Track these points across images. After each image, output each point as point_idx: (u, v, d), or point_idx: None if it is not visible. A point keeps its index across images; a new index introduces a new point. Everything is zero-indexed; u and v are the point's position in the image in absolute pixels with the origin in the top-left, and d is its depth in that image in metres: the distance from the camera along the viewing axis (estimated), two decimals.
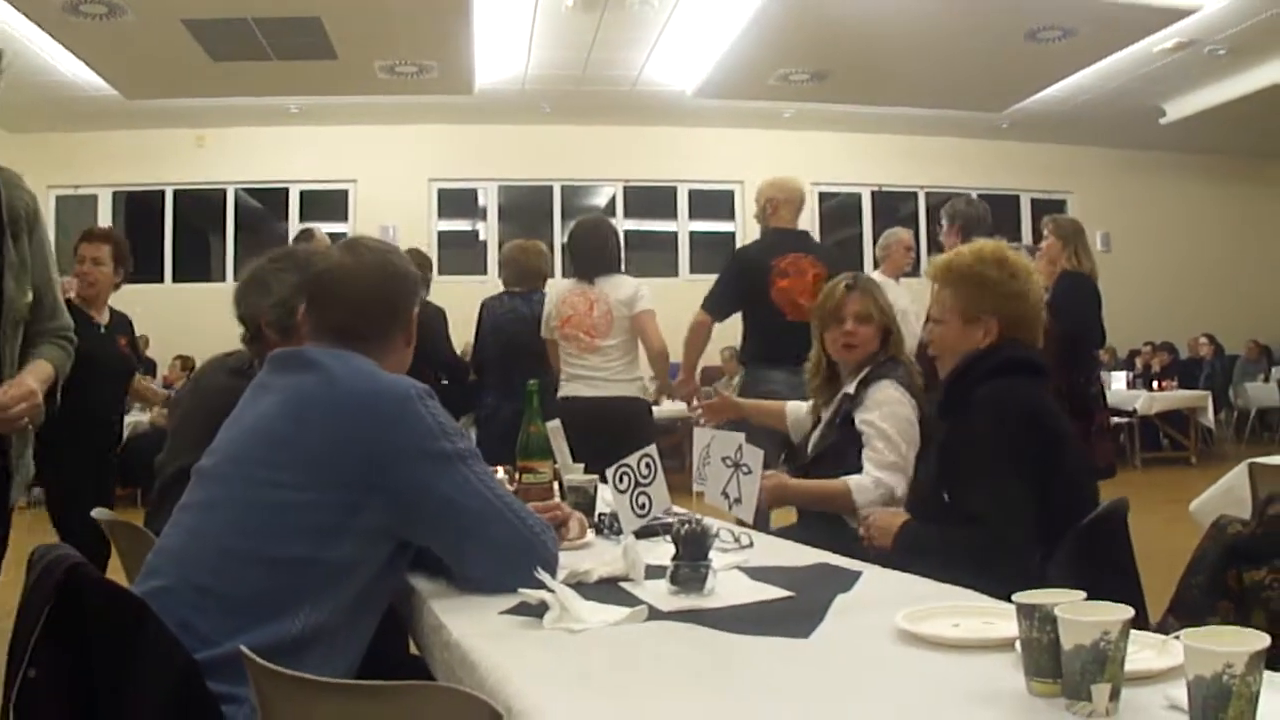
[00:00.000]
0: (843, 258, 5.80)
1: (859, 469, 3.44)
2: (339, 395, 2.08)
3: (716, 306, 5.74)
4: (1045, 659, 1.41)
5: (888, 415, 3.48)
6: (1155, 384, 13.14)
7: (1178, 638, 1.26)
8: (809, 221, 15.21)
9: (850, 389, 3.63)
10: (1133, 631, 1.37)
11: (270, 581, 1.95)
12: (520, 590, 1.98)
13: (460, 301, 9.53)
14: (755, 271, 5.62)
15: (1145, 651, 1.50)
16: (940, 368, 3.00)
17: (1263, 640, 1.20)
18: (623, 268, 5.78)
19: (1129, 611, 1.34)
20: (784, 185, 5.93)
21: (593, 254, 5.71)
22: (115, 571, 2.54)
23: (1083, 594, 1.45)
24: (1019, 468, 2.61)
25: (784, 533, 3.51)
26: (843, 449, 3.54)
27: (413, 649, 2.47)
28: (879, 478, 3.39)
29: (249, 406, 2.20)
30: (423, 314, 2.50)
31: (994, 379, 2.77)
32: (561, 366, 5.68)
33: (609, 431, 4.88)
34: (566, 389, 5.63)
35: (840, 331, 3.67)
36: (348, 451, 2.02)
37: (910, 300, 6.12)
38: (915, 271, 6.32)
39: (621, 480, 2.36)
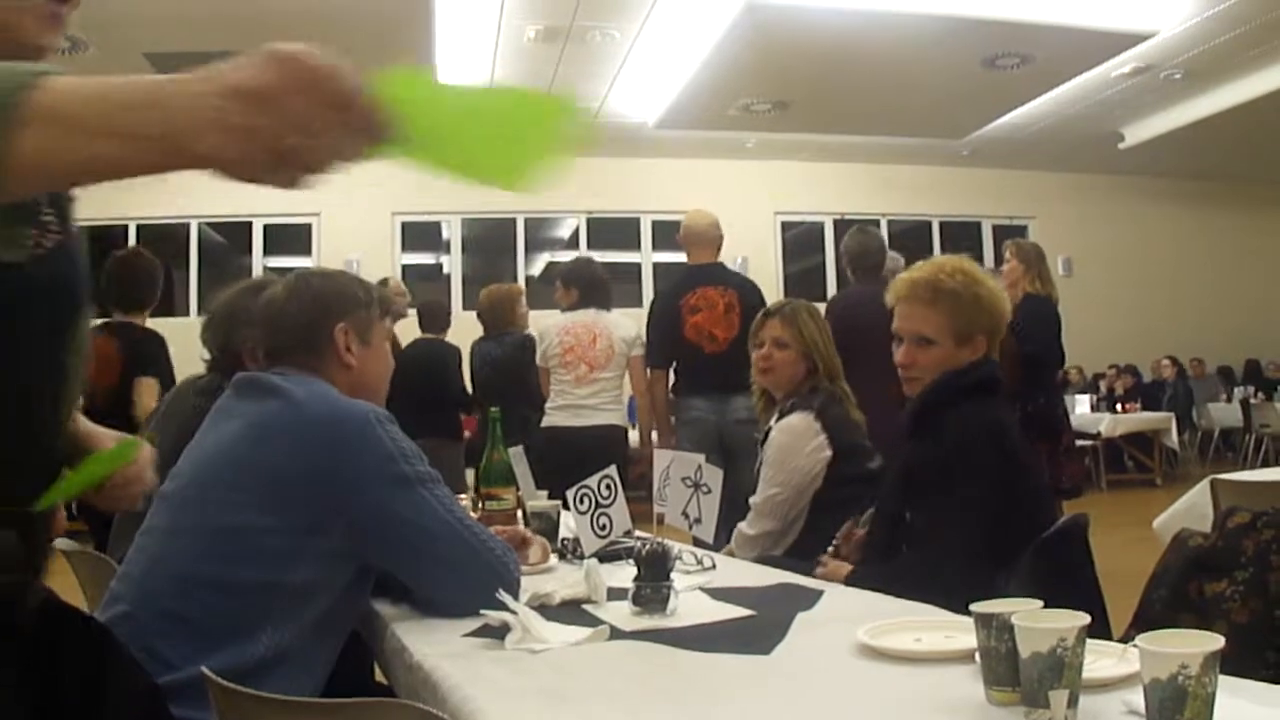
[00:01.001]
0: (754, 285, 5.98)
1: None
2: (300, 419, 2.09)
3: (658, 358, 5.93)
4: (1004, 668, 1.42)
5: (772, 454, 3.55)
6: (1119, 406, 13.21)
7: (1136, 645, 1.27)
8: (772, 248, 15.35)
9: (773, 420, 3.66)
10: (1092, 641, 1.37)
11: (233, 605, 1.95)
12: (482, 612, 1.98)
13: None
14: (668, 313, 5.82)
15: (1104, 660, 1.51)
16: (914, 388, 2.92)
17: (1216, 641, 1.21)
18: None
19: (1085, 618, 1.34)
20: (694, 223, 6.06)
21: (600, 288, 6.06)
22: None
23: (1040, 603, 1.46)
24: (983, 493, 2.60)
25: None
26: None
27: (379, 676, 2.46)
28: (744, 531, 3.53)
29: (211, 431, 2.20)
30: (436, 352, 2.56)
31: (968, 401, 2.75)
32: (551, 395, 5.95)
33: (590, 460, 4.95)
34: (551, 418, 5.91)
35: (758, 355, 3.75)
36: (308, 474, 2.03)
37: None
38: None
39: (582, 501, 2.36)
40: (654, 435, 6.05)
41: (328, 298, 2.36)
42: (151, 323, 5.24)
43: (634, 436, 6.58)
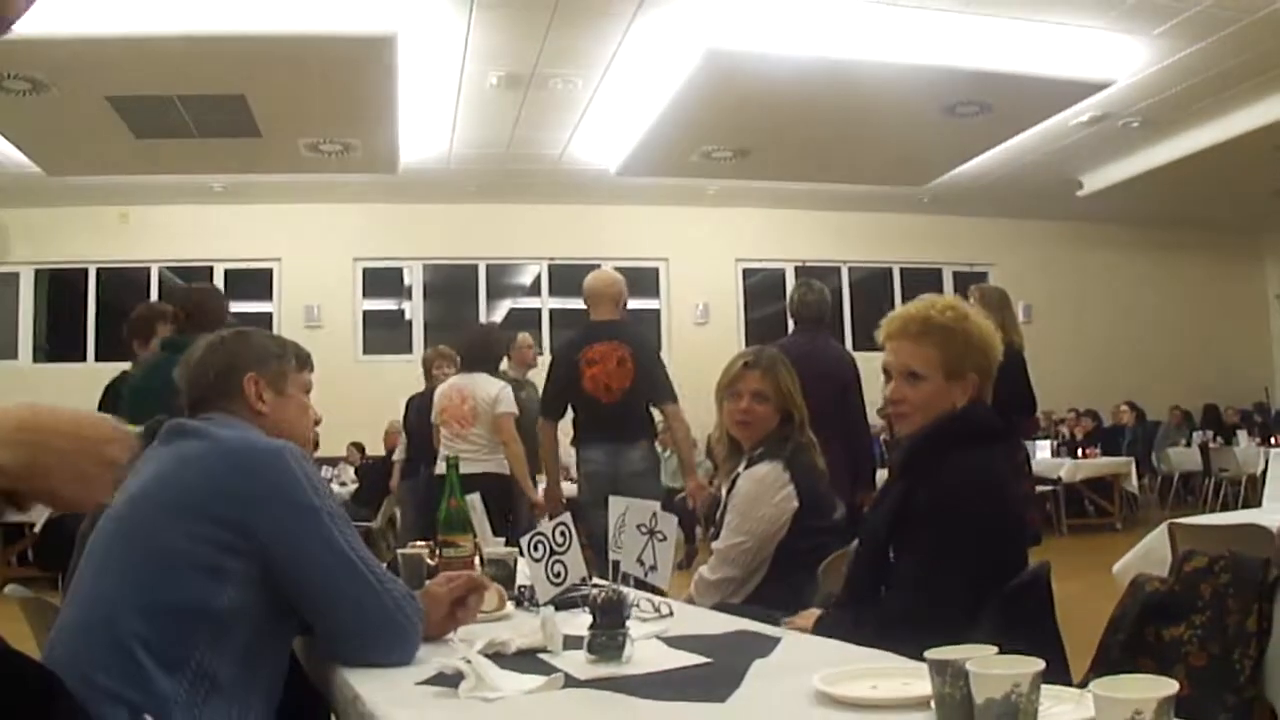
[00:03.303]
0: (645, 339, 6.43)
1: None
2: (218, 449, 2.19)
3: (550, 409, 6.27)
4: (959, 715, 1.41)
5: (739, 502, 3.53)
6: (1079, 452, 13.27)
7: (1091, 691, 1.26)
8: (734, 295, 15.45)
9: (741, 467, 3.64)
10: (1049, 686, 1.36)
11: (163, 630, 2.00)
12: (434, 660, 1.98)
13: (385, 380, 9.47)
14: (567, 366, 6.10)
15: (1061, 705, 1.50)
16: (904, 425, 2.84)
17: (1170, 686, 1.20)
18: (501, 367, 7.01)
19: (1039, 664, 1.34)
20: (591, 285, 6.33)
21: (476, 352, 6.95)
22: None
23: (994, 649, 1.45)
24: (972, 544, 2.54)
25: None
26: None
27: None
28: (705, 576, 3.54)
29: (136, 476, 2.20)
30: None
31: (966, 447, 2.67)
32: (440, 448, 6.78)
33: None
34: (439, 467, 6.65)
35: (735, 407, 3.68)
36: (222, 495, 2.10)
37: None
38: None
39: (536, 549, 2.34)
40: (530, 482, 6.78)
41: (237, 352, 2.49)
42: (110, 367, 5.22)
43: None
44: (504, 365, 7.34)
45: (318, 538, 2.13)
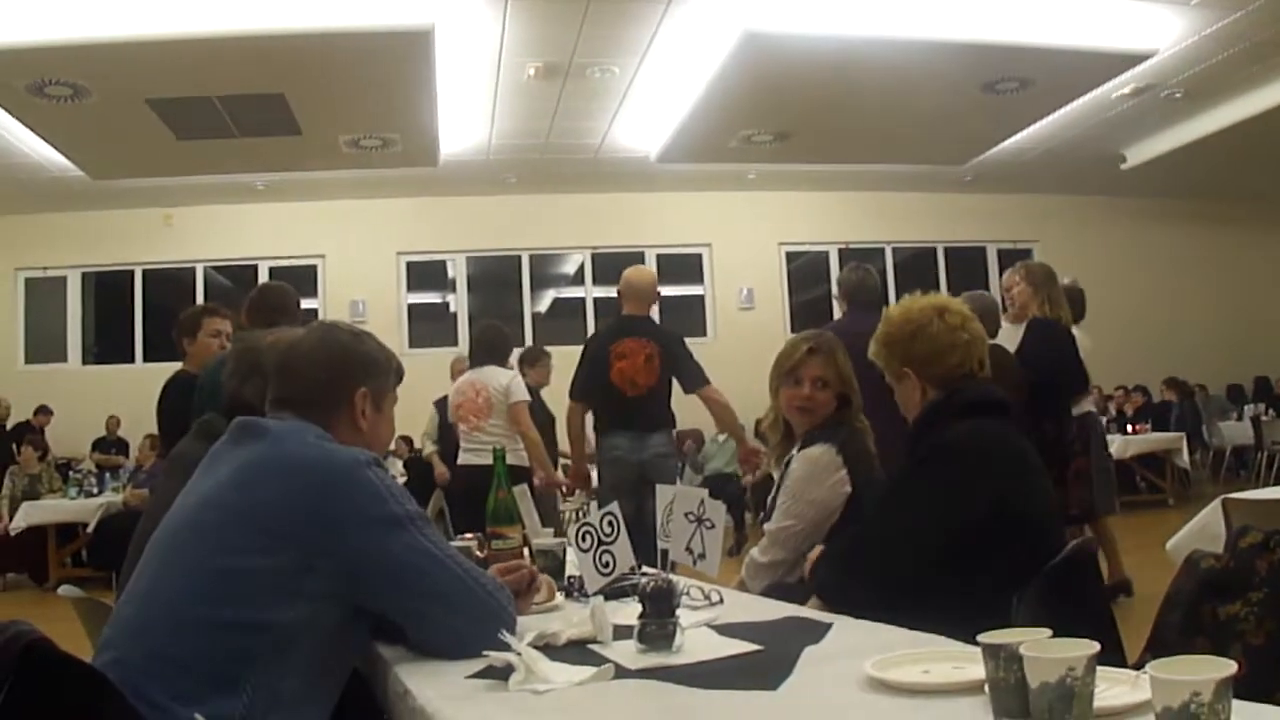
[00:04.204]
0: (675, 336, 6.52)
1: None
2: (287, 460, 2.11)
3: (579, 393, 6.44)
4: (1013, 699, 1.39)
5: (791, 484, 3.49)
6: (1130, 428, 13.14)
7: (1147, 672, 1.24)
8: (778, 279, 15.36)
9: (795, 451, 3.60)
10: (1104, 668, 1.35)
11: (223, 646, 1.94)
12: (485, 653, 1.96)
13: (432, 374, 9.50)
14: (598, 358, 6.33)
15: (1117, 688, 1.48)
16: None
17: (1229, 667, 1.18)
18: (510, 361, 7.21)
19: (1094, 646, 1.32)
20: (629, 280, 6.57)
21: (484, 346, 7.10)
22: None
23: (1049, 632, 1.43)
24: (916, 498, 2.68)
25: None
26: None
27: None
28: (755, 559, 3.50)
29: (203, 476, 2.20)
30: None
31: (962, 420, 2.75)
32: (460, 441, 7.02)
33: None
34: (462, 458, 6.95)
35: (797, 393, 3.61)
36: (296, 514, 2.03)
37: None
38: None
39: (584, 540, 2.34)
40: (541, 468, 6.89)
41: (354, 358, 2.37)
42: (159, 367, 5.23)
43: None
44: (516, 368, 7.51)
45: (405, 547, 2.09)
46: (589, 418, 6.48)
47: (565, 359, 7.46)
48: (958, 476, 2.64)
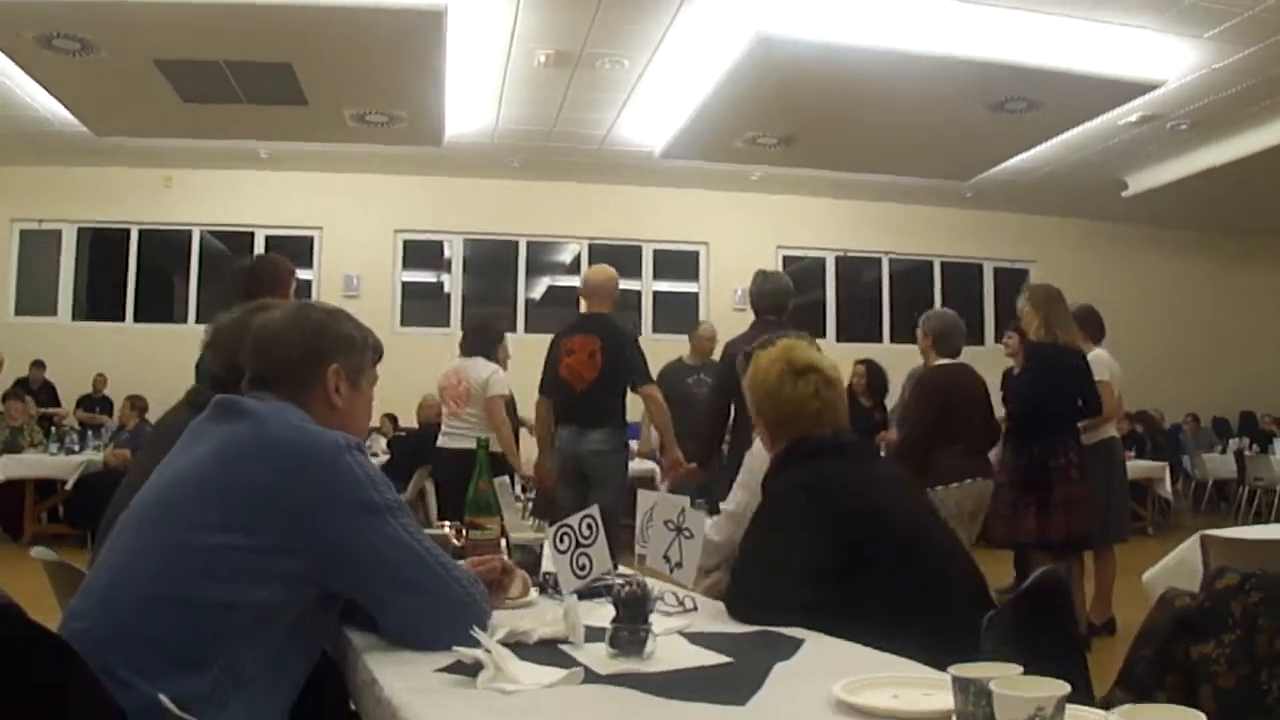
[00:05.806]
0: (619, 330, 6.57)
1: None
2: (269, 440, 2.09)
3: (542, 388, 6.61)
4: None
5: (750, 462, 3.57)
6: None
7: (1114, 717, 1.24)
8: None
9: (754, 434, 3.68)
10: (1073, 707, 1.34)
11: (194, 623, 1.94)
12: (455, 649, 1.95)
13: (422, 353, 9.51)
14: (552, 354, 6.55)
15: None
16: None
17: (1196, 719, 1.18)
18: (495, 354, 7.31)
19: (1064, 688, 1.31)
20: (586, 278, 6.87)
21: (474, 337, 7.35)
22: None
23: (1019, 668, 1.43)
24: (760, 530, 2.67)
25: None
26: None
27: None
28: (710, 537, 3.48)
29: (182, 452, 2.18)
30: None
31: (787, 470, 2.84)
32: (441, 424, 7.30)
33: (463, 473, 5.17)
34: (441, 441, 7.23)
35: None
36: (275, 495, 2.02)
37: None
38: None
39: (562, 540, 2.33)
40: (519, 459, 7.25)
41: (325, 335, 2.34)
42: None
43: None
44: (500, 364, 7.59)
45: (382, 536, 2.08)
46: None
47: None
48: (811, 507, 2.64)
